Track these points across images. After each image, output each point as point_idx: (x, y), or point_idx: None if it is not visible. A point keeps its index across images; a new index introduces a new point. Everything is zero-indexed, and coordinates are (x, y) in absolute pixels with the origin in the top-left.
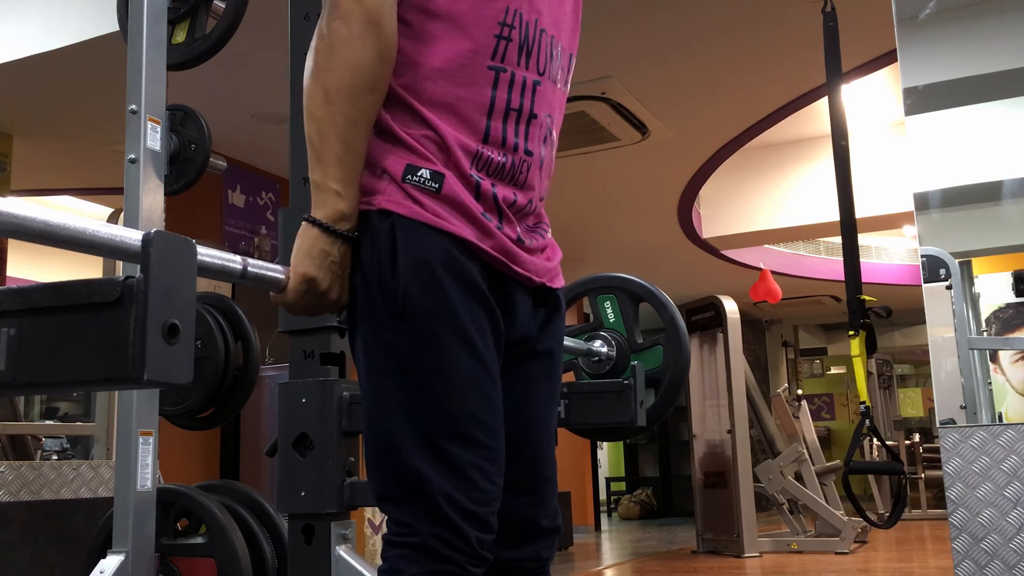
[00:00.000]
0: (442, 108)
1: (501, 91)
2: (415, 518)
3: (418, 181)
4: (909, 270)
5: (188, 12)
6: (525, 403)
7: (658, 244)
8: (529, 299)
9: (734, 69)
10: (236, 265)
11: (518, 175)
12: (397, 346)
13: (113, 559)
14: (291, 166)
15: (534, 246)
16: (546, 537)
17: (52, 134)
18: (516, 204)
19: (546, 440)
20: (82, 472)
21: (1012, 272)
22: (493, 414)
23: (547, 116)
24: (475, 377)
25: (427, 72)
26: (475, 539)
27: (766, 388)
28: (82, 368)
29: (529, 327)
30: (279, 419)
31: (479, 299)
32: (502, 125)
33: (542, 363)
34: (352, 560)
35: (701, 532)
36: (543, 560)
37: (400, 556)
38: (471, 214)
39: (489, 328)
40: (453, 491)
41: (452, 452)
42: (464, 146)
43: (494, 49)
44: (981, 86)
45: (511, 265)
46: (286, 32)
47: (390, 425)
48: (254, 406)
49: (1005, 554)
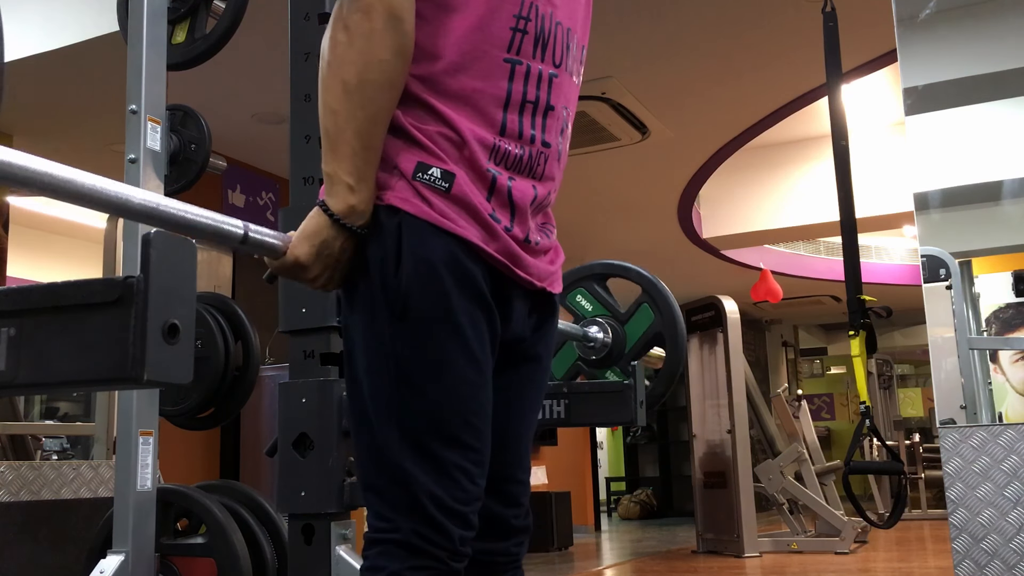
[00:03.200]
0: (458, 101)
1: (517, 84)
2: (397, 512)
3: (428, 179)
4: (909, 270)
5: (188, 12)
6: (509, 405)
7: (658, 244)
8: (527, 301)
9: (734, 69)
10: (238, 230)
11: (536, 167)
12: (394, 345)
13: (113, 559)
14: (291, 166)
15: (540, 246)
16: (516, 535)
17: (52, 134)
18: (536, 199)
19: (524, 443)
20: (82, 472)
21: (1012, 272)
22: (482, 418)
23: (564, 108)
24: (469, 381)
25: (443, 66)
26: (457, 536)
27: (766, 388)
28: (82, 368)
29: (523, 329)
30: (279, 419)
31: (479, 302)
32: (518, 118)
33: (531, 367)
34: (352, 560)
35: (701, 532)
36: (514, 555)
37: (381, 553)
38: (479, 215)
39: (487, 332)
40: (437, 490)
41: (439, 453)
42: (481, 139)
43: (510, 42)
44: (981, 86)
45: (514, 269)
46: (286, 32)
47: (380, 421)
48: (254, 406)
49: (1005, 554)
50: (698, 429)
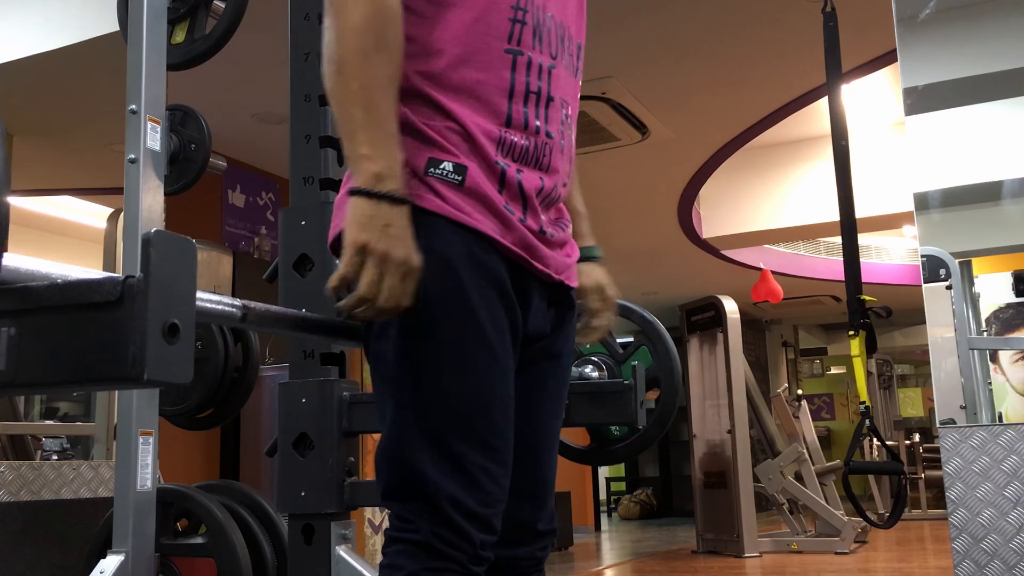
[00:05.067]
0: (463, 94)
1: (520, 74)
2: (419, 516)
3: (440, 174)
4: (909, 270)
5: (188, 12)
6: (532, 405)
7: (658, 244)
8: (545, 296)
9: (734, 69)
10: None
11: (542, 158)
12: (413, 344)
13: (113, 559)
14: (291, 166)
15: (556, 239)
16: (541, 539)
17: (52, 134)
18: (543, 190)
19: (549, 444)
20: (82, 472)
21: (1012, 272)
22: (505, 417)
23: (562, 101)
24: (491, 379)
25: (446, 60)
26: (478, 540)
27: (766, 388)
28: (82, 368)
29: (543, 325)
30: (279, 419)
31: (499, 297)
32: (523, 108)
33: (552, 365)
34: (352, 560)
35: (701, 532)
36: (538, 559)
37: (400, 552)
38: (494, 207)
39: (508, 327)
40: (458, 493)
41: (461, 453)
42: (487, 132)
43: (509, 32)
44: (981, 86)
45: (531, 261)
46: (286, 32)
47: (400, 423)
48: (254, 406)
49: (1005, 554)
50: (698, 429)
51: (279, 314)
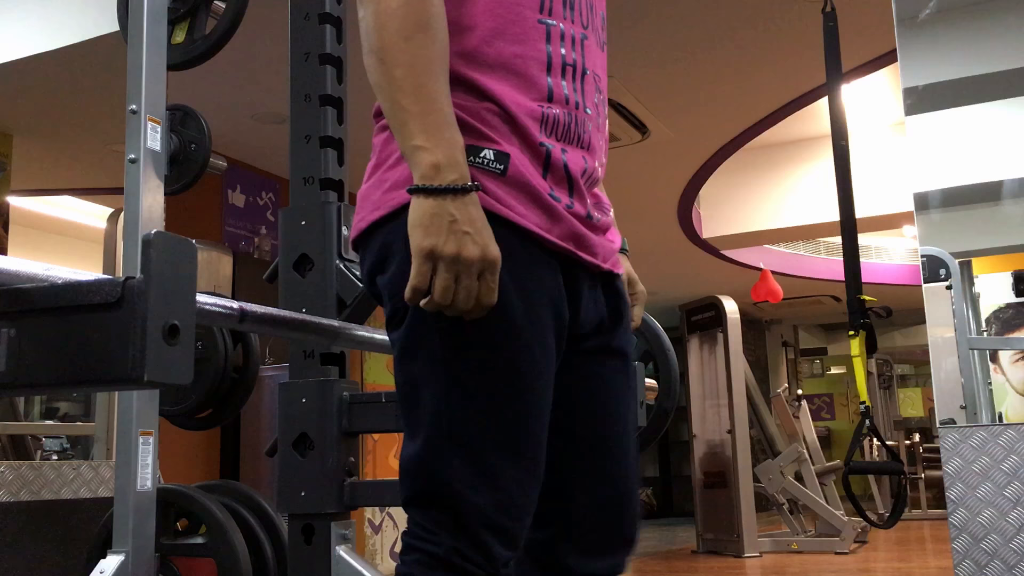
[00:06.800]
0: (501, 70)
1: (555, 46)
2: (441, 527)
3: (481, 163)
4: (909, 270)
5: (188, 12)
6: (604, 402)
7: (658, 244)
8: (595, 285)
9: (734, 69)
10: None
11: (583, 135)
12: (448, 347)
13: (113, 559)
14: (291, 166)
15: (601, 224)
16: (624, 548)
17: (52, 134)
18: (587, 171)
19: (629, 441)
20: (82, 472)
21: (1012, 272)
22: (541, 425)
23: (595, 75)
24: (530, 386)
25: (479, 35)
26: (500, 556)
27: (766, 388)
28: (82, 369)
29: (595, 318)
30: (279, 419)
31: (539, 296)
32: (561, 80)
33: (616, 362)
34: (352, 560)
35: (701, 532)
36: (621, 570)
37: (418, 562)
38: (539, 197)
39: (551, 329)
40: (488, 506)
41: (494, 463)
42: (529, 111)
43: (540, 1)
44: (981, 86)
45: (578, 253)
46: (286, 32)
47: (430, 430)
48: (254, 406)
49: (1005, 554)
50: (698, 429)
51: (277, 316)
